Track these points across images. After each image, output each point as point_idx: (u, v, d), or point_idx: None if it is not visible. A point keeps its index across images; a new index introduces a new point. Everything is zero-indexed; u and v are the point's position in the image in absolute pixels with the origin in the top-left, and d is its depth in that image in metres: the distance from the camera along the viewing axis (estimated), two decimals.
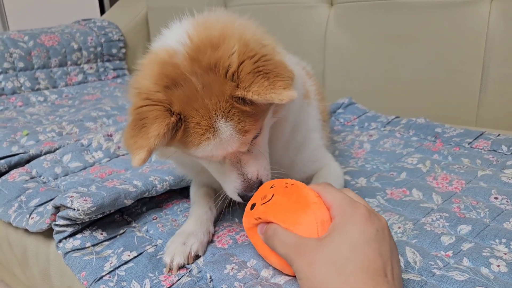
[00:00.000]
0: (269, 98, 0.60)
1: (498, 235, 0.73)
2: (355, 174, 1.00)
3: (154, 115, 0.60)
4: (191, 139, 0.63)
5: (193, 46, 0.64)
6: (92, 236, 0.80)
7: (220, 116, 0.62)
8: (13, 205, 0.96)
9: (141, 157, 0.59)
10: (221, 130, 0.63)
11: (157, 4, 2.25)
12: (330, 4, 1.63)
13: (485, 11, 1.29)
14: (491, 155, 1.04)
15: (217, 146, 0.64)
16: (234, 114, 0.63)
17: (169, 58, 0.64)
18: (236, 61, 0.61)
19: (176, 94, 0.62)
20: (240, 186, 0.69)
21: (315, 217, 0.59)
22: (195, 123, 0.62)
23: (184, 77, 0.62)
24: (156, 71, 0.64)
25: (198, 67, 0.62)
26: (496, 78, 1.30)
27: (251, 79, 0.60)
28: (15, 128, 1.42)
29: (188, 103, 0.62)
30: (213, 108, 0.62)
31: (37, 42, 1.97)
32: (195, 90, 0.62)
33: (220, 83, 0.61)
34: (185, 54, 0.64)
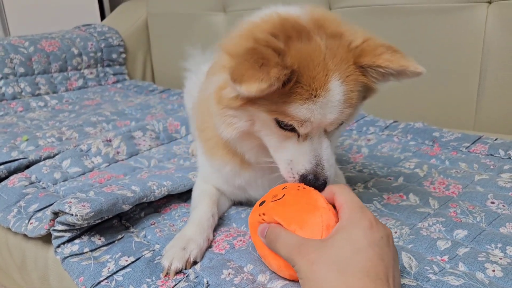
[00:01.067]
0: (404, 64, 0.62)
1: (494, 240, 0.73)
2: (352, 180, 1.00)
3: (275, 61, 0.58)
4: (299, 92, 0.61)
5: (317, 16, 0.66)
6: (90, 241, 0.80)
7: (338, 77, 0.61)
8: (12, 210, 0.96)
9: (261, 86, 0.56)
10: (334, 91, 0.62)
11: (157, 10, 2.27)
12: (328, 9, 1.64)
13: (482, 16, 1.30)
14: (488, 160, 1.05)
15: (321, 108, 0.62)
16: (351, 81, 0.63)
17: (293, 17, 0.65)
18: (360, 37, 0.64)
19: (296, 47, 0.61)
20: (311, 168, 0.66)
21: (321, 220, 0.60)
22: (311, 77, 0.61)
23: (308, 35, 0.62)
24: (278, 23, 0.63)
25: (323, 32, 0.63)
26: (493, 82, 1.31)
27: (381, 51, 0.62)
28: (15, 134, 1.42)
29: (308, 57, 0.61)
30: (333, 68, 0.61)
31: (37, 48, 1.98)
32: (318, 47, 0.62)
33: (344, 49, 0.63)
34: (309, 20, 0.65)
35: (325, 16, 0.67)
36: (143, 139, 1.29)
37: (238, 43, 0.63)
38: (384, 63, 0.62)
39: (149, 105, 1.73)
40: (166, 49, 2.27)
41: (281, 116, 0.64)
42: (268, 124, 0.67)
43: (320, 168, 0.66)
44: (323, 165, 0.67)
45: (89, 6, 2.52)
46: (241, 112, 0.67)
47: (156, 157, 1.20)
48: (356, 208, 0.59)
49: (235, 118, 0.68)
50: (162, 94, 1.96)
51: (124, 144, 1.24)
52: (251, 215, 0.69)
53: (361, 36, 0.65)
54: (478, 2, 1.30)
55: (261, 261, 0.70)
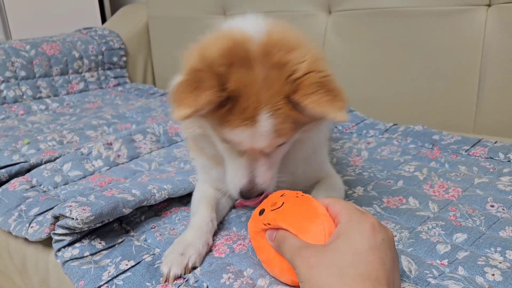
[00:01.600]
0: (325, 111, 0.62)
1: (494, 244, 0.73)
2: (352, 183, 1.00)
3: (210, 84, 0.62)
4: (231, 118, 0.65)
5: (270, 39, 0.66)
6: (90, 245, 0.81)
7: (267, 111, 0.64)
8: (13, 214, 0.96)
9: (185, 113, 0.61)
10: (262, 123, 0.65)
11: (157, 13, 2.27)
12: (328, 12, 1.64)
13: (481, 19, 1.30)
14: (488, 163, 1.05)
15: (250, 136, 0.66)
16: (280, 114, 0.65)
17: (242, 41, 0.66)
18: (303, 70, 0.64)
19: (236, 74, 0.64)
20: (245, 185, 0.71)
21: (323, 227, 0.60)
22: (243, 107, 0.64)
23: (250, 63, 0.64)
24: (226, 46, 0.65)
25: (267, 61, 0.64)
26: (493, 85, 1.31)
27: (313, 89, 0.63)
28: (17, 137, 1.43)
29: (244, 87, 0.63)
30: (265, 101, 0.64)
31: (38, 51, 1.99)
32: (255, 78, 0.64)
33: (281, 82, 0.64)
34: (259, 44, 0.66)
35: (279, 39, 0.67)
36: (143, 142, 1.29)
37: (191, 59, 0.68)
38: (309, 104, 0.62)
39: (149, 108, 1.74)
40: (167, 52, 2.28)
41: (219, 134, 0.70)
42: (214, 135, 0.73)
43: (250, 184, 0.71)
44: (254, 182, 0.71)
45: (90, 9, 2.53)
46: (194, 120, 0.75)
47: (157, 160, 1.21)
48: (355, 213, 0.59)
49: (190, 124, 0.78)
50: (163, 97, 1.96)
51: (125, 147, 1.24)
52: (251, 224, 0.69)
53: (306, 67, 0.64)
54: (478, 5, 1.31)
55: (261, 265, 0.71)
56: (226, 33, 0.69)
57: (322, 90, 0.63)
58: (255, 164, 0.71)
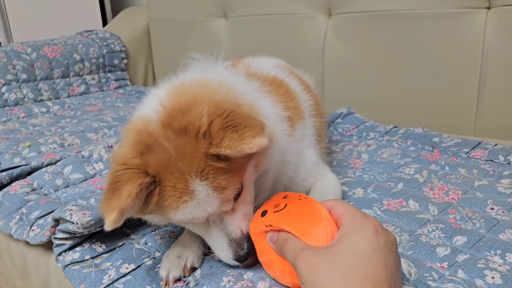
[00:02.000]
0: (239, 149, 0.59)
1: (494, 246, 0.73)
2: (352, 185, 1.01)
3: (128, 177, 0.60)
4: (168, 202, 0.63)
5: (165, 112, 0.65)
6: (91, 249, 0.81)
7: (194, 177, 0.62)
8: (14, 217, 0.97)
9: (112, 218, 0.58)
10: (197, 190, 0.62)
11: (158, 16, 2.28)
12: (328, 15, 1.65)
13: (481, 21, 1.30)
14: (488, 165, 1.05)
15: (196, 207, 0.63)
16: (208, 172, 0.62)
17: (144, 126, 0.65)
18: (206, 121, 0.61)
19: (151, 159, 0.62)
20: (230, 251, 0.69)
21: (326, 231, 0.60)
22: (171, 186, 0.62)
23: (157, 143, 0.63)
24: (132, 139, 0.65)
25: (170, 132, 0.62)
26: (493, 87, 1.31)
27: (222, 135, 0.61)
28: (18, 140, 1.43)
29: (163, 167, 0.62)
30: (187, 169, 0.61)
31: (40, 54, 1.99)
32: (168, 154, 0.62)
33: (192, 144, 0.61)
34: (157, 121, 0.64)
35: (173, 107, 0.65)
36: None
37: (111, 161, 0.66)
38: (225, 151, 0.60)
39: None
40: (168, 55, 2.28)
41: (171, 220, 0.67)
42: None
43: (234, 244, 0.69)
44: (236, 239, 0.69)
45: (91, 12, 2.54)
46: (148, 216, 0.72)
47: None
48: (358, 215, 0.59)
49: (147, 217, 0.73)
50: None
51: None
52: (253, 225, 0.69)
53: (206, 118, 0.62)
54: (478, 8, 1.31)
55: (261, 268, 0.71)
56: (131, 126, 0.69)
57: (228, 131, 0.61)
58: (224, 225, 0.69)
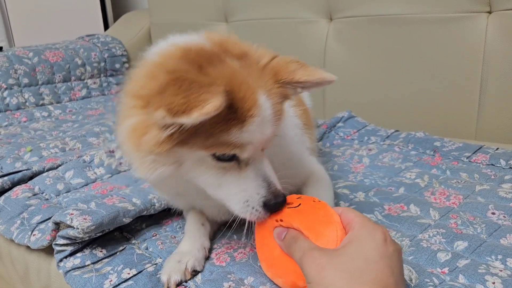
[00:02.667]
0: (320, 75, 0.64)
1: (495, 252, 0.73)
2: (353, 189, 1.00)
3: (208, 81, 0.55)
4: (235, 116, 0.58)
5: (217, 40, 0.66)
6: (92, 254, 0.81)
7: (263, 93, 0.61)
8: (15, 222, 0.97)
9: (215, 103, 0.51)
10: (264, 106, 0.61)
11: (160, 20, 2.29)
12: (329, 19, 1.65)
13: (482, 25, 1.30)
14: (489, 170, 1.05)
15: (259, 125, 0.60)
16: (274, 94, 0.64)
17: (194, 47, 0.62)
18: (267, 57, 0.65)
19: (215, 72, 0.58)
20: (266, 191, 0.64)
21: (336, 234, 0.61)
22: (240, 98, 0.58)
23: (219, 59, 0.61)
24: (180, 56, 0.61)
25: (230, 54, 0.63)
26: (494, 91, 1.31)
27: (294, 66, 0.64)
28: (19, 144, 1.44)
29: (231, 79, 0.58)
30: (256, 84, 0.61)
31: (41, 58, 2.00)
32: (233, 68, 0.61)
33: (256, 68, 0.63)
34: (212, 44, 0.64)
35: (223, 39, 0.67)
36: None
37: (146, 84, 0.59)
38: (302, 78, 0.63)
39: None
40: None
41: (220, 149, 0.60)
42: (202, 162, 0.63)
43: (273, 187, 0.64)
44: (273, 183, 0.65)
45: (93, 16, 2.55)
46: (165, 156, 0.62)
47: None
48: (368, 221, 0.60)
49: (157, 163, 0.63)
50: None
51: None
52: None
53: (267, 54, 0.66)
54: (478, 12, 1.31)
55: (262, 273, 0.71)
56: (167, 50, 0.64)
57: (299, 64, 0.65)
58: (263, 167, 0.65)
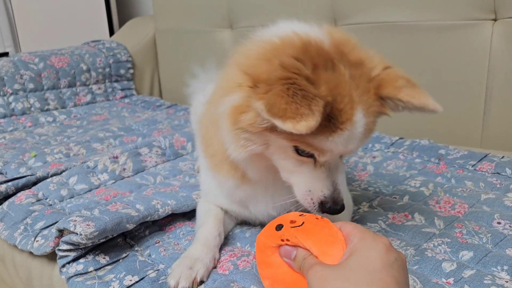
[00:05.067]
0: (424, 102, 0.62)
1: (500, 262, 0.72)
2: (358, 199, 1.00)
3: (314, 93, 0.57)
4: (327, 124, 0.60)
5: (336, 40, 0.65)
6: (95, 261, 0.81)
7: (361, 110, 0.62)
8: (19, 227, 0.97)
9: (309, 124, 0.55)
10: (358, 124, 0.62)
11: (165, 26, 2.30)
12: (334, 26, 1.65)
13: (487, 33, 1.30)
14: (494, 178, 1.04)
15: (346, 140, 0.62)
16: (371, 112, 0.63)
17: (315, 41, 0.63)
18: (380, 66, 0.64)
19: (324, 77, 0.60)
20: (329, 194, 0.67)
21: (343, 253, 0.59)
22: (339, 110, 0.60)
23: (332, 64, 0.62)
24: (300, 50, 0.62)
25: (345, 60, 0.63)
26: (499, 99, 1.30)
27: (401, 83, 0.63)
28: (24, 149, 1.44)
29: (336, 89, 0.60)
30: (358, 99, 0.61)
31: (47, 64, 2.01)
32: (343, 78, 0.61)
33: (366, 80, 0.63)
34: (331, 44, 0.64)
35: (344, 39, 0.66)
36: (149, 156, 1.29)
37: (260, 66, 0.61)
38: (405, 97, 0.62)
39: (156, 120, 1.75)
40: (173, 65, 2.30)
41: (302, 145, 0.63)
42: (284, 149, 0.66)
43: (336, 193, 0.67)
44: (339, 190, 0.67)
45: (99, 22, 2.56)
46: (257, 136, 0.65)
47: (162, 173, 1.21)
48: (367, 233, 0.59)
49: (249, 141, 0.66)
50: (169, 109, 1.97)
51: (131, 161, 1.25)
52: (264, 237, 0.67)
53: (381, 64, 0.65)
54: (484, 20, 1.30)
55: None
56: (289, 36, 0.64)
57: (409, 83, 0.63)
58: (335, 173, 0.67)
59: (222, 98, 0.67)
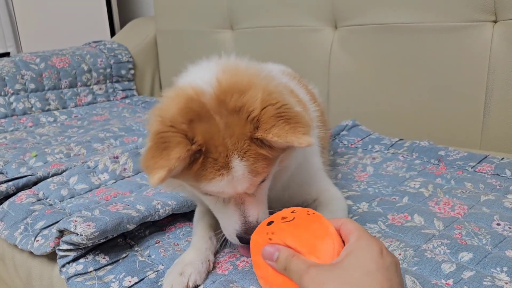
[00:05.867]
0: (289, 140, 0.63)
1: (500, 263, 0.72)
2: (357, 199, 1.00)
3: (177, 141, 0.63)
4: (205, 173, 0.65)
5: (221, 88, 0.67)
6: (94, 261, 0.81)
7: (236, 156, 0.65)
8: (19, 227, 0.97)
9: (160, 175, 0.61)
10: (236, 168, 0.65)
11: (165, 27, 2.30)
12: (334, 27, 1.65)
13: (487, 35, 1.30)
14: (494, 180, 1.04)
15: (229, 183, 0.66)
16: (250, 155, 0.66)
17: (196, 95, 0.67)
18: (259, 106, 0.65)
19: (199, 129, 0.65)
20: (240, 228, 0.71)
21: (333, 247, 0.60)
22: (213, 158, 0.65)
23: (209, 115, 0.66)
24: (182, 105, 0.67)
25: (224, 108, 0.66)
26: (499, 101, 1.30)
27: (273, 122, 0.64)
28: (25, 149, 1.45)
29: (210, 139, 0.64)
30: (232, 147, 0.65)
31: (48, 64, 2.02)
32: (217, 128, 0.65)
33: (241, 125, 0.65)
34: (212, 95, 0.67)
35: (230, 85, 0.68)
36: None
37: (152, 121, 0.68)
38: (273, 138, 0.63)
39: None
40: (174, 65, 2.30)
41: (198, 190, 0.70)
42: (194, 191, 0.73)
43: (245, 226, 0.71)
44: (249, 222, 0.71)
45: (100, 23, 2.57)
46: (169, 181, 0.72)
47: None
48: (364, 234, 0.60)
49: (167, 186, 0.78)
50: None
51: (131, 161, 1.25)
52: (256, 234, 0.67)
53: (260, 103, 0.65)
54: (484, 21, 1.31)
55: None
56: (180, 92, 0.70)
57: (281, 120, 0.64)
58: (244, 206, 0.71)
59: None
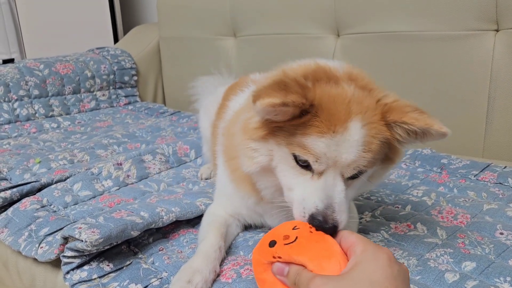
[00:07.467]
0: (429, 123, 0.63)
1: (503, 273, 0.73)
2: (360, 208, 1.00)
3: (295, 90, 0.61)
4: (318, 124, 0.63)
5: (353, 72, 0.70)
6: (98, 268, 0.81)
7: (359, 121, 0.63)
8: (23, 233, 0.97)
9: (273, 100, 0.59)
10: (353, 132, 0.63)
11: (169, 34, 2.31)
12: (337, 35, 1.66)
13: (489, 43, 1.31)
14: (497, 188, 1.04)
15: (339, 144, 0.63)
16: (373, 128, 0.65)
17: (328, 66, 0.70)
18: (391, 98, 0.67)
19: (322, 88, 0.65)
20: (322, 208, 0.64)
21: (339, 267, 0.59)
22: (331, 113, 0.63)
23: (337, 81, 0.67)
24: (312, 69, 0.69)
25: (354, 83, 0.67)
26: (502, 109, 1.31)
27: (409, 109, 0.65)
28: (28, 155, 1.45)
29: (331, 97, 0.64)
30: (357, 111, 0.64)
31: (52, 71, 2.03)
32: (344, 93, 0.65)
33: (372, 101, 0.66)
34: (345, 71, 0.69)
35: (361, 74, 0.71)
36: (153, 163, 1.30)
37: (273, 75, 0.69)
38: (410, 120, 0.63)
39: (159, 127, 1.76)
40: (177, 72, 2.31)
41: (298, 149, 0.65)
42: (286, 159, 0.68)
43: (330, 210, 0.64)
44: (334, 208, 0.64)
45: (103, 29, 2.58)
46: (262, 145, 0.69)
47: (166, 180, 1.22)
48: (370, 244, 0.59)
49: (255, 152, 0.69)
50: (172, 116, 1.99)
51: (134, 168, 1.25)
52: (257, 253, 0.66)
53: (392, 96, 0.68)
54: (486, 30, 1.31)
55: None
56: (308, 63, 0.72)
57: (417, 110, 0.65)
58: (334, 188, 0.65)
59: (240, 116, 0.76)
